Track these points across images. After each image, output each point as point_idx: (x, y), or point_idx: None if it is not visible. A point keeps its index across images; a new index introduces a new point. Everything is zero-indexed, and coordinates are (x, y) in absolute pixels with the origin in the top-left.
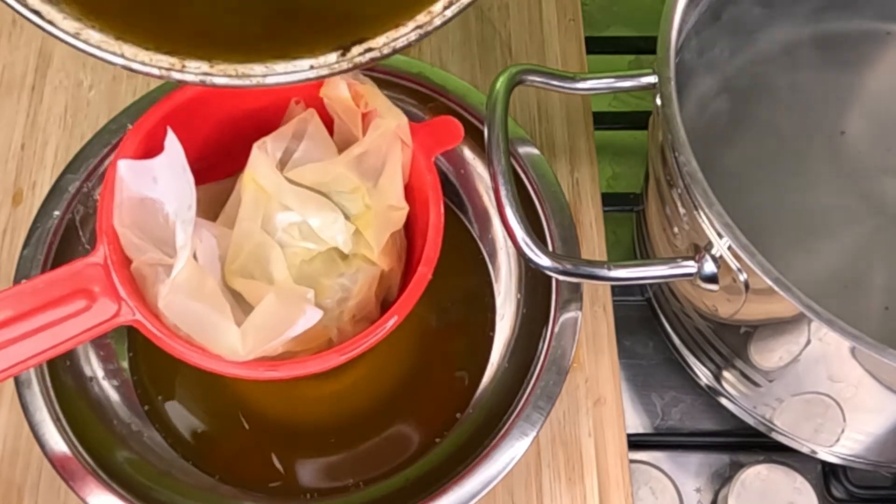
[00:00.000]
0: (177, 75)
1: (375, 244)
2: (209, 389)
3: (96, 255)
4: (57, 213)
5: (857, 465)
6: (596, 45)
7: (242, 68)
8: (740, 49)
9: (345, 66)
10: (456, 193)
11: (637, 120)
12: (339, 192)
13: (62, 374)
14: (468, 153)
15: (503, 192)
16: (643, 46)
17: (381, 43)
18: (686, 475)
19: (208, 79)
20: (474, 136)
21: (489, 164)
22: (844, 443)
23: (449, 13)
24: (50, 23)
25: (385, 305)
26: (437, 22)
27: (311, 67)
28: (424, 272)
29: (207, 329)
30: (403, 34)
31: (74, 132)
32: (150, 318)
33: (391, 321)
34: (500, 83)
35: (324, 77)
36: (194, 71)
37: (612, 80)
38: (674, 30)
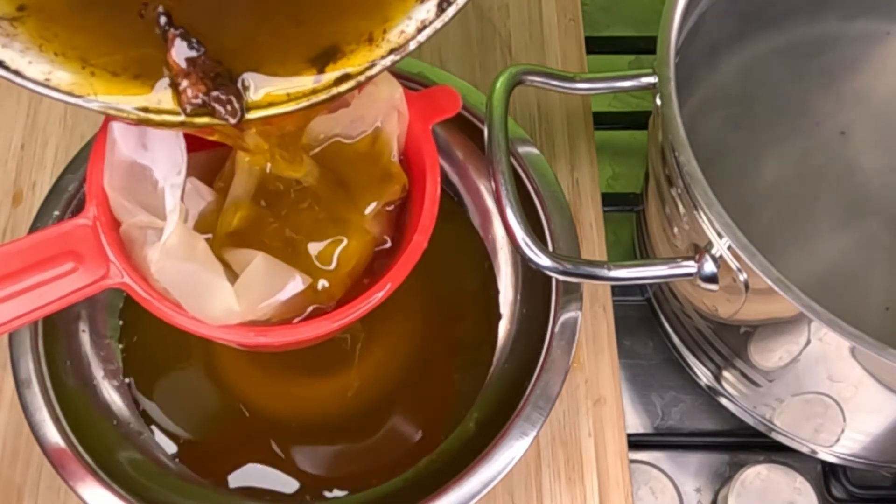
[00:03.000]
0: (154, 117)
1: (368, 211)
2: (204, 389)
3: (85, 215)
4: (57, 213)
5: (857, 465)
6: (596, 45)
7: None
8: (740, 49)
9: (322, 96)
10: (456, 193)
11: (637, 120)
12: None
13: (62, 374)
14: (468, 153)
15: (503, 192)
16: (643, 46)
17: (358, 69)
18: (686, 475)
19: (188, 120)
20: (474, 136)
21: (489, 164)
22: (844, 443)
23: (422, 37)
24: (16, 73)
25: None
26: (412, 46)
27: (288, 96)
28: (419, 241)
29: (201, 291)
30: (379, 56)
31: (74, 132)
32: (139, 281)
33: (385, 289)
34: (500, 83)
35: (303, 108)
36: (169, 108)
37: (612, 80)
38: (674, 30)
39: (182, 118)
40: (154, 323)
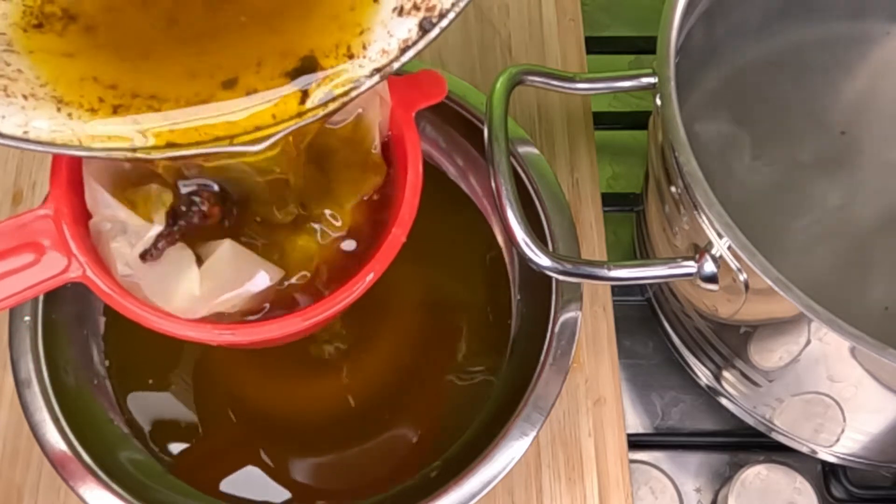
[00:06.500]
0: (142, 155)
1: (345, 201)
2: (191, 391)
3: (47, 206)
4: None
5: (857, 465)
6: (596, 45)
7: (202, 123)
8: (740, 49)
9: (309, 118)
10: (457, 193)
11: (637, 120)
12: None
13: (62, 374)
14: (468, 153)
15: (503, 192)
16: (643, 46)
17: (342, 90)
18: (686, 475)
19: (175, 151)
20: (474, 136)
21: (489, 164)
22: (844, 443)
23: (405, 57)
24: None
25: None
26: (395, 66)
27: (274, 118)
28: (398, 234)
29: (167, 274)
30: (363, 75)
31: None
32: (102, 276)
33: (358, 286)
34: (500, 83)
35: (290, 131)
36: (156, 143)
37: (611, 80)
38: (674, 30)
39: (172, 153)
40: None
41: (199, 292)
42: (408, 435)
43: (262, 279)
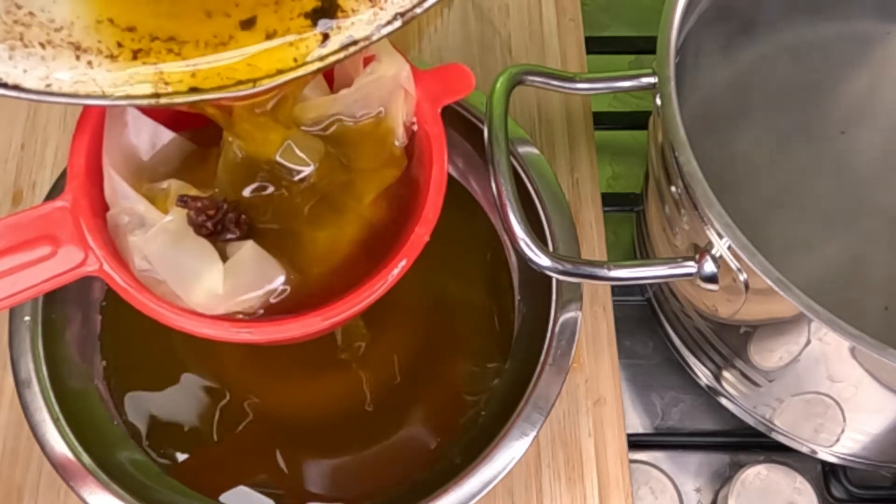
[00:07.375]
0: (164, 101)
1: (365, 195)
2: (191, 394)
3: (64, 197)
4: None
5: (857, 465)
6: (596, 45)
7: (224, 68)
8: (740, 49)
9: (330, 60)
10: (458, 191)
11: (637, 120)
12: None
13: (62, 374)
14: (468, 153)
15: (503, 192)
16: (643, 46)
17: (363, 34)
18: (686, 475)
19: (198, 96)
20: (474, 137)
21: (489, 164)
22: (844, 443)
23: (429, 3)
24: (16, 87)
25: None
26: (418, 11)
27: (295, 61)
28: (421, 233)
29: (189, 269)
30: (385, 20)
31: None
32: (119, 270)
33: (380, 285)
34: (500, 83)
35: (312, 72)
36: (179, 89)
37: (611, 80)
38: (674, 30)
39: (195, 97)
40: (136, 320)
41: (222, 290)
42: (407, 436)
43: (282, 280)
